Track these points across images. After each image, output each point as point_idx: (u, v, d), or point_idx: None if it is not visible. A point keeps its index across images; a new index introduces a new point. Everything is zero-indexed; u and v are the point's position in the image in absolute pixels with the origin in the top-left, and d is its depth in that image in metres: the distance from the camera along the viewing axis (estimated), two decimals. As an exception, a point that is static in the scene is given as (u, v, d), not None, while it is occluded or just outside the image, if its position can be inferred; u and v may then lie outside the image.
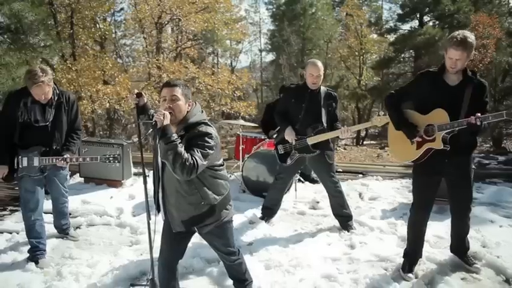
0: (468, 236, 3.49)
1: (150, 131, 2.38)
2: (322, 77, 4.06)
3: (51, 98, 3.49)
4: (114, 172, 5.64)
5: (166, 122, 2.32)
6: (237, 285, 3.05)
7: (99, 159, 3.56)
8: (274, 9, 31.85)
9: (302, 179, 5.96)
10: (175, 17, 14.25)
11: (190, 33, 17.88)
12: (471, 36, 2.90)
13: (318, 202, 5.13)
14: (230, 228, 2.78)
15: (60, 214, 3.98)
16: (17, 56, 9.83)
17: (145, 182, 2.94)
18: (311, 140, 4.04)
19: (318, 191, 5.55)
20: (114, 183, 5.66)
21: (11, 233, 4.18)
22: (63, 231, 4.07)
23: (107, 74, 13.42)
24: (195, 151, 2.34)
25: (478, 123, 2.79)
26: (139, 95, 2.85)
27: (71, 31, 12.74)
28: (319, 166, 4.24)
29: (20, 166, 3.44)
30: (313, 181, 6.09)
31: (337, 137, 4.09)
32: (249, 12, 35.12)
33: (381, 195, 5.42)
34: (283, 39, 28.99)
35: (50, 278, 3.33)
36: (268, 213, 4.53)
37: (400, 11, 20.93)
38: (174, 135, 2.31)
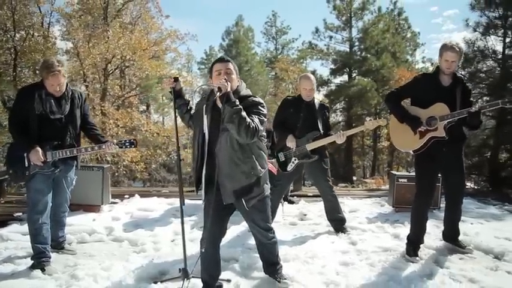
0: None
1: (218, 94, 2.51)
2: (315, 89, 4.45)
3: (66, 91, 3.45)
4: (93, 197, 5.38)
5: (229, 88, 2.49)
6: (268, 269, 3.11)
7: (117, 144, 3.50)
8: (207, 68, 32.91)
9: (281, 200, 6.13)
10: (125, 64, 14.30)
11: (134, 82, 17.96)
12: (460, 44, 3.53)
13: (305, 214, 5.35)
14: (269, 204, 2.90)
15: (58, 224, 3.75)
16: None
17: (179, 162, 3.01)
18: (310, 146, 4.32)
19: (300, 208, 5.77)
20: (92, 208, 5.36)
21: (-3, 250, 3.82)
22: (58, 245, 3.79)
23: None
24: (254, 117, 2.52)
25: (476, 109, 3.32)
26: (176, 79, 2.98)
27: (14, 74, 12.20)
28: (316, 171, 4.49)
29: (32, 163, 3.28)
30: (290, 202, 6.28)
31: (334, 141, 4.43)
32: (182, 71, 36.02)
33: (359, 209, 5.75)
34: (221, 94, 29.90)
35: (64, 281, 3.10)
36: (266, 221, 4.61)
37: (332, 66, 22.99)
38: (237, 100, 2.47)
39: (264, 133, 2.78)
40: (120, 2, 15.68)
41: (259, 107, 2.61)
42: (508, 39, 9.18)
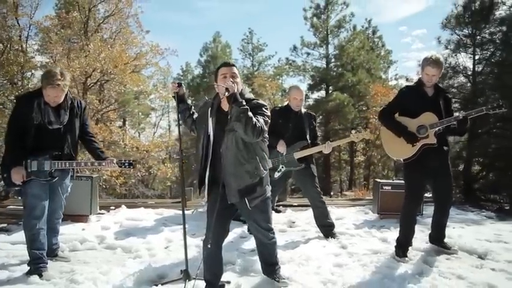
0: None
1: (226, 94, 2.61)
2: (304, 100, 4.63)
3: (65, 101, 3.45)
4: (81, 206, 5.33)
5: (236, 90, 2.62)
6: (267, 270, 3.19)
7: (117, 163, 3.53)
8: (186, 83, 32.93)
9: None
10: (105, 78, 14.21)
11: (113, 97, 17.80)
12: (441, 57, 3.78)
13: (293, 222, 5.45)
14: (270, 205, 3.01)
15: (52, 231, 3.70)
16: None
17: (181, 165, 3.09)
18: (297, 155, 4.47)
19: (287, 216, 5.87)
20: (80, 218, 5.31)
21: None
22: (52, 252, 3.73)
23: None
24: (259, 117, 2.65)
25: (464, 115, 3.56)
26: (179, 85, 3.08)
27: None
28: (305, 178, 4.62)
29: (29, 170, 3.28)
30: (277, 211, 6.38)
31: (321, 151, 4.59)
32: (157, 87, 35.79)
33: (345, 216, 5.90)
34: (200, 108, 29.98)
35: (63, 286, 3.09)
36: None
37: (310, 82, 23.58)
38: (243, 101, 2.60)
39: (267, 134, 2.90)
40: (100, 16, 15.67)
41: (263, 109, 2.75)
42: (477, 57, 9.71)
